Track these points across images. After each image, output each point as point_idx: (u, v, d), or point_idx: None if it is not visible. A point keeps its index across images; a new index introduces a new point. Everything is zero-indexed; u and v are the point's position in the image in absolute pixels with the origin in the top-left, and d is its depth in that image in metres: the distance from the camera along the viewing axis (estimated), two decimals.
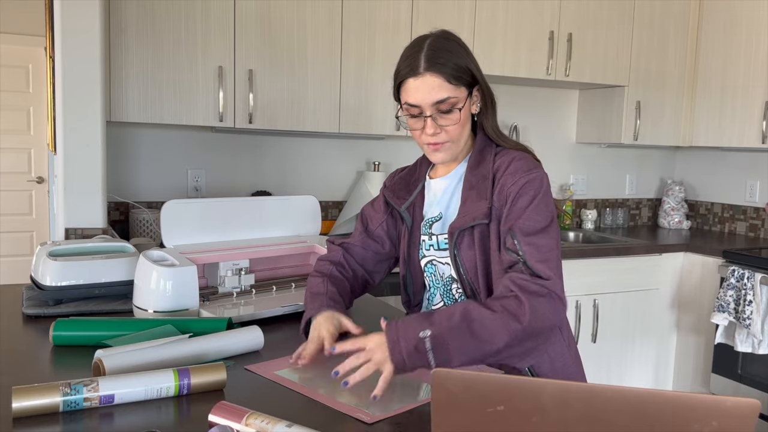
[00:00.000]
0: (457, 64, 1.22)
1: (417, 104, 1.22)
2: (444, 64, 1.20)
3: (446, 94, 1.21)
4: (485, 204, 1.23)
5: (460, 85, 1.22)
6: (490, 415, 0.65)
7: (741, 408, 0.59)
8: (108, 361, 1.10)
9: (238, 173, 2.96)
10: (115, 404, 1.02)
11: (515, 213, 1.19)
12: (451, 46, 1.24)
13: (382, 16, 2.78)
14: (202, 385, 1.08)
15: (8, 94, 5.09)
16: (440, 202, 1.35)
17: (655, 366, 3.30)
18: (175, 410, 1.02)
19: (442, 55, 1.21)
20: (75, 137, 2.17)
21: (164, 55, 2.45)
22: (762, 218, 3.52)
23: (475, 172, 1.28)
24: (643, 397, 0.61)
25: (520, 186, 1.20)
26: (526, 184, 1.20)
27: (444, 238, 1.31)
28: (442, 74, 1.20)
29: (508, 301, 1.12)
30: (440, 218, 1.34)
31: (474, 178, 1.27)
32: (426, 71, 1.20)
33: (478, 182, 1.26)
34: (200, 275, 1.61)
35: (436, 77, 1.20)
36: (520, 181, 1.20)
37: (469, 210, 1.24)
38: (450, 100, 1.21)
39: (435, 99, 1.21)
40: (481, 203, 1.23)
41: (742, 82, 3.27)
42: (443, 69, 1.20)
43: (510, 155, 1.26)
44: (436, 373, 0.67)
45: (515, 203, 1.20)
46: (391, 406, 1.06)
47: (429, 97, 1.21)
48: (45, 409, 0.97)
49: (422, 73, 1.20)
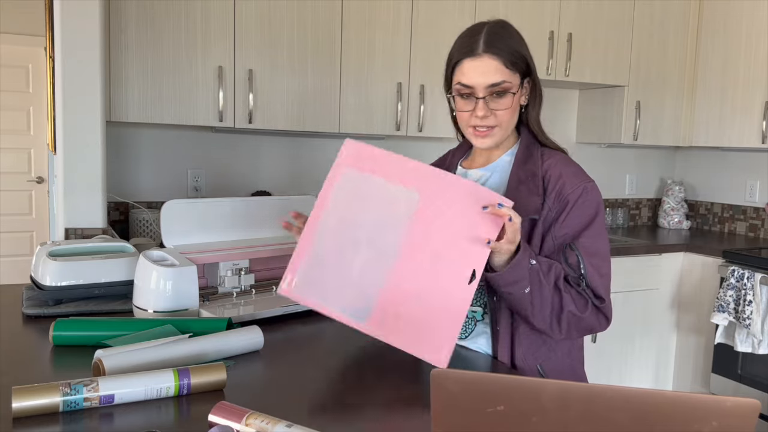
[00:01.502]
0: (515, 49, 1.22)
1: (471, 85, 1.22)
2: (502, 48, 1.21)
3: (502, 78, 1.21)
4: (538, 200, 1.22)
5: (515, 72, 1.23)
6: (490, 415, 0.65)
7: (741, 408, 0.59)
8: (108, 361, 1.10)
9: (238, 173, 2.96)
10: (115, 404, 1.02)
11: (577, 222, 1.22)
12: (510, 31, 1.25)
13: (382, 16, 2.78)
14: (202, 385, 1.08)
15: (8, 94, 5.09)
16: None
17: (655, 366, 3.30)
18: (175, 410, 1.02)
19: (501, 40, 1.22)
20: (75, 137, 2.17)
21: (164, 55, 2.45)
22: (762, 218, 3.52)
23: (524, 168, 1.26)
24: (643, 397, 0.61)
25: (580, 193, 1.22)
26: (585, 192, 1.22)
27: None
28: (499, 57, 1.20)
29: (579, 297, 1.20)
30: None
31: (523, 173, 1.26)
32: (485, 53, 1.20)
33: (527, 178, 1.25)
34: (200, 275, 1.61)
35: (493, 59, 1.20)
36: (579, 188, 1.22)
37: (520, 204, 1.21)
38: (505, 84, 1.21)
39: (491, 81, 1.21)
40: (533, 198, 1.22)
41: (742, 82, 3.27)
42: (501, 52, 1.20)
43: (559, 157, 1.28)
44: (436, 373, 0.67)
45: (575, 210, 1.22)
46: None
47: (485, 79, 1.21)
48: (45, 409, 0.97)
49: (480, 54, 1.21)
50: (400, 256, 1.10)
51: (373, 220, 1.11)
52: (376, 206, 1.10)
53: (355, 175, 1.08)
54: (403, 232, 1.10)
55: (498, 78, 1.20)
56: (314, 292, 1.15)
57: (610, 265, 1.23)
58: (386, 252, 1.10)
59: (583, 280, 1.20)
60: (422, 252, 1.10)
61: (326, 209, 1.15)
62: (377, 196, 1.08)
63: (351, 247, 1.13)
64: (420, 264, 1.10)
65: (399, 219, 1.10)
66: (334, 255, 1.14)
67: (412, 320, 1.10)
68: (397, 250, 1.10)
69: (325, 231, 1.15)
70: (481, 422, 0.66)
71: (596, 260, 1.20)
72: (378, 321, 1.11)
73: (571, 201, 1.21)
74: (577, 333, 1.21)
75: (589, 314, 1.19)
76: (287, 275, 1.18)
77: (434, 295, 1.09)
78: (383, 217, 1.10)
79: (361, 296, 1.12)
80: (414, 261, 1.10)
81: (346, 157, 1.11)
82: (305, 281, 1.16)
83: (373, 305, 1.12)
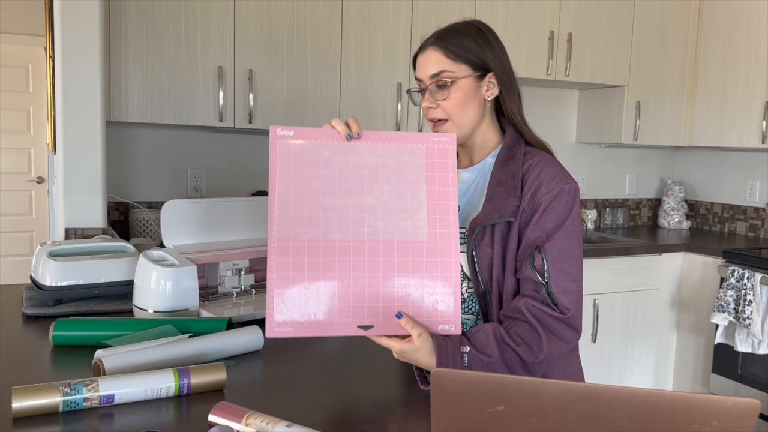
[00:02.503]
0: (462, 43, 1.23)
1: (419, 77, 1.26)
2: (447, 40, 1.23)
3: (442, 68, 1.22)
4: (514, 202, 1.20)
5: (460, 62, 1.23)
6: (490, 415, 0.65)
7: (741, 408, 0.59)
8: (108, 361, 1.10)
9: (238, 173, 2.96)
10: (115, 404, 1.02)
11: (547, 225, 1.18)
12: (465, 27, 1.26)
13: (382, 15, 2.78)
14: (202, 385, 1.08)
15: (8, 94, 5.08)
16: (459, 194, 1.31)
17: (655, 366, 3.30)
18: (175, 410, 1.02)
19: (450, 34, 1.24)
20: (75, 137, 2.17)
21: (164, 55, 2.45)
22: (762, 218, 3.52)
23: (504, 169, 1.25)
24: (643, 397, 0.61)
25: (555, 195, 1.18)
26: (560, 194, 1.19)
27: (460, 232, 1.29)
28: (442, 49, 1.23)
29: (528, 333, 1.13)
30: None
31: (502, 174, 1.25)
32: (430, 45, 1.24)
33: (506, 179, 1.24)
34: (200, 275, 1.61)
35: (435, 51, 1.23)
36: (555, 189, 1.19)
37: (496, 206, 1.21)
38: (445, 74, 1.22)
39: (431, 72, 1.23)
40: (509, 201, 1.21)
41: (742, 82, 3.27)
42: (445, 44, 1.23)
43: (541, 158, 1.25)
44: (436, 373, 0.67)
45: (548, 213, 1.18)
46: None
47: (426, 70, 1.24)
48: (45, 409, 0.97)
49: (426, 48, 1.25)
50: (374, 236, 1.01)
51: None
52: (399, 197, 1.00)
53: (420, 157, 0.99)
54: (378, 237, 1.01)
55: (438, 68, 1.22)
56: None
57: (579, 272, 1.17)
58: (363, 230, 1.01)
59: (545, 289, 1.14)
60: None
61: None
62: (410, 195, 0.99)
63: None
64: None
65: (394, 229, 1.01)
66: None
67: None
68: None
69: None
70: (481, 422, 0.66)
71: (563, 266, 1.15)
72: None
73: (544, 203, 1.18)
74: (553, 355, 1.16)
75: (548, 343, 1.13)
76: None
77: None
78: (386, 209, 1.01)
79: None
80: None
81: (437, 142, 1.02)
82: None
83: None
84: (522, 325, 1.13)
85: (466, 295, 1.30)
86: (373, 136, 1.00)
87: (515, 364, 1.12)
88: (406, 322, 1.04)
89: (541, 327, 1.13)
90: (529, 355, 1.12)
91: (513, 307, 1.16)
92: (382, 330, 1.06)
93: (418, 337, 1.04)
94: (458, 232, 1.00)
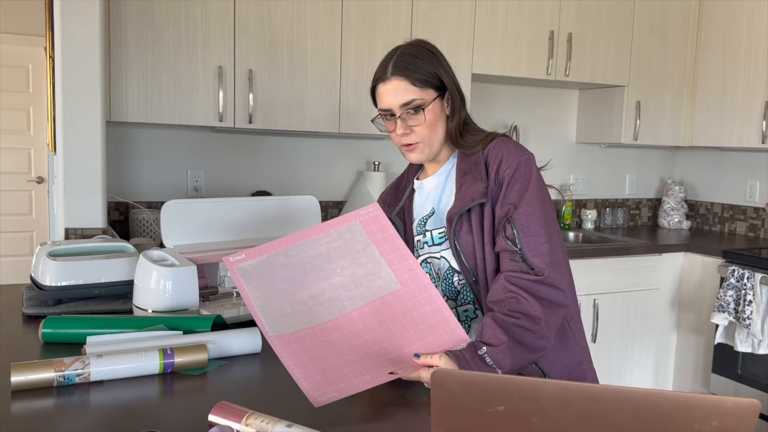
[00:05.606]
0: (423, 68, 1.28)
1: (387, 107, 1.30)
2: (408, 68, 1.28)
3: (412, 96, 1.27)
4: (482, 184, 1.27)
5: (426, 88, 1.28)
6: (490, 415, 0.65)
7: (741, 408, 0.59)
8: (91, 341, 1.19)
9: (238, 173, 2.96)
10: (107, 380, 1.11)
11: (513, 197, 1.24)
12: (419, 52, 1.30)
13: (382, 15, 2.78)
14: (185, 355, 1.16)
15: (8, 94, 5.09)
16: (432, 199, 1.39)
17: (655, 366, 3.30)
18: (175, 410, 1.02)
19: (408, 61, 1.28)
20: (75, 137, 2.17)
21: (164, 54, 2.45)
22: (762, 218, 3.52)
23: (467, 160, 1.33)
24: (643, 397, 0.61)
25: (515, 168, 1.25)
26: (519, 166, 1.25)
27: (438, 232, 1.35)
28: (406, 78, 1.27)
29: (519, 304, 1.17)
30: (433, 213, 1.37)
31: (466, 165, 1.32)
32: (392, 75, 1.28)
33: (470, 168, 1.31)
34: (200, 275, 1.61)
35: (401, 81, 1.27)
36: (513, 164, 1.26)
37: (465, 194, 1.28)
38: (416, 101, 1.27)
39: (402, 101, 1.27)
40: (477, 184, 1.28)
41: (742, 82, 3.27)
42: (408, 73, 1.27)
43: (498, 140, 1.32)
44: (436, 373, 0.67)
45: (512, 186, 1.25)
46: None
47: (396, 100, 1.28)
48: (41, 384, 1.07)
49: (389, 78, 1.28)
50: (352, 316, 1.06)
51: (348, 276, 1.05)
52: (360, 266, 1.05)
53: (359, 230, 1.05)
54: (360, 304, 1.05)
55: (409, 97, 1.27)
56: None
57: (550, 233, 1.22)
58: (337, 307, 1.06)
59: (519, 255, 1.20)
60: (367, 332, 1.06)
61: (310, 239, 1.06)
62: (367, 261, 1.04)
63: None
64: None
65: (369, 291, 1.05)
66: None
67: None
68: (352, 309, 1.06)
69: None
70: (481, 422, 0.66)
71: (532, 230, 1.21)
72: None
73: (506, 177, 1.25)
74: (555, 323, 1.20)
75: (539, 305, 1.17)
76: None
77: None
78: (354, 279, 1.05)
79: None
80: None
81: (365, 215, 1.05)
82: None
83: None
84: (510, 301, 1.18)
85: (459, 287, 1.34)
86: (308, 233, 1.04)
87: (529, 338, 1.16)
88: (424, 358, 1.08)
89: (525, 293, 1.18)
90: (532, 323, 1.16)
91: (495, 290, 1.21)
92: (408, 371, 1.10)
93: (439, 360, 1.08)
94: (423, 271, 1.05)
